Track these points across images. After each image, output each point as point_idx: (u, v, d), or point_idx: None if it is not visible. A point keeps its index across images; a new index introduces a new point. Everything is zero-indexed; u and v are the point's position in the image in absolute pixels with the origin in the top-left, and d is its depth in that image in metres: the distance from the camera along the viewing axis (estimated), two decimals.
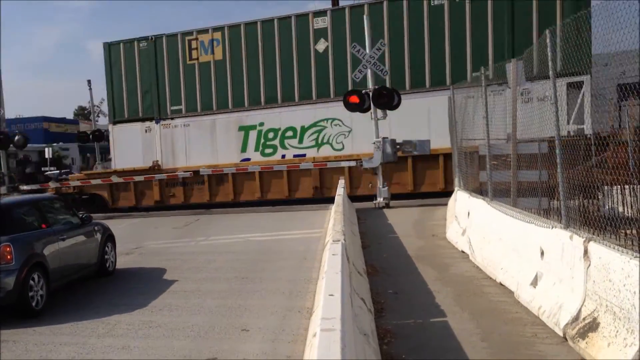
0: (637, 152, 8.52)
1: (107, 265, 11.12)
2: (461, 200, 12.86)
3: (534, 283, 7.31)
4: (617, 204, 9.91)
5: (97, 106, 52.36)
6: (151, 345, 7.13)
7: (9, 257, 8.31)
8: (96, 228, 11.01)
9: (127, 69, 24.71)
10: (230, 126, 23.45)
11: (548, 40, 7.10)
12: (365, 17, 19.64)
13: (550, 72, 7.13)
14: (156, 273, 11.24)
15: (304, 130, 22.52)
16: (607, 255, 5.65)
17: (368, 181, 20.81)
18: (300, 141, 22.61)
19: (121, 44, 24.79)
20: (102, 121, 50.26)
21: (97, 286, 10.41)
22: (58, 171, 29.63)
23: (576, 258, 6.23)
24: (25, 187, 23.12)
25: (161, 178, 22.98)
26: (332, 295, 4.77)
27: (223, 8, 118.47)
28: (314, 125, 22.44)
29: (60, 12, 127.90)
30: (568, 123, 16.51)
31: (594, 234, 6.37)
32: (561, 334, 6.18)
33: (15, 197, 11.30)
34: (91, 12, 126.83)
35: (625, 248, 5.64)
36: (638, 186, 9.27)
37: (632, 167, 9.60)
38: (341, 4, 26.34)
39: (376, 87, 19.14)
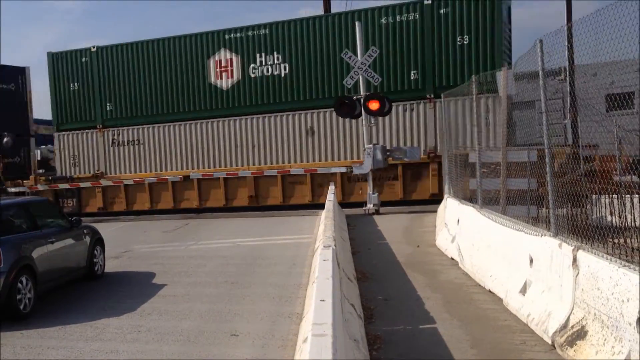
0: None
1: (96, 268, 11.07)
2: (451, 208, 12.92)
3: (523, 291, 7.36)
4: (605, 213, 10.01)
5: None
6: (140, 349, 7.10)
7: None
8: (85, 231, 10.96)
9: None
10: None
11: (539, 50, 7.16)
12: (357, 23, 19.59)
13: (541, 82, 7.20)
14: (145, 277, 11.20)
15: None
16: (595, 264, 5.70)
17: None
18: None
19: None
20: None
21: (86, 290, 10.35)
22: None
23: (565, 266, 6.28)
24: (12, 189, 22.92)
25: None
26: (323, 300, 4.78)
27: (216, 9, 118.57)
28: None
29: (50, 13, 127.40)
30: None
31: (582, 242, 6.43)
32: (550, 342, 6.22)
33: (4, 200, 11.21)
34: (82, 13, 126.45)
35: (614, 257, 5.70)
36: (626, 195, 9.38)
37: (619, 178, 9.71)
38: (333, 9, 26.32)
39: (367, 93, 19.19)
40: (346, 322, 5.82)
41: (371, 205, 19.28)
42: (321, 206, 17.25)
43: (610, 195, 9.68)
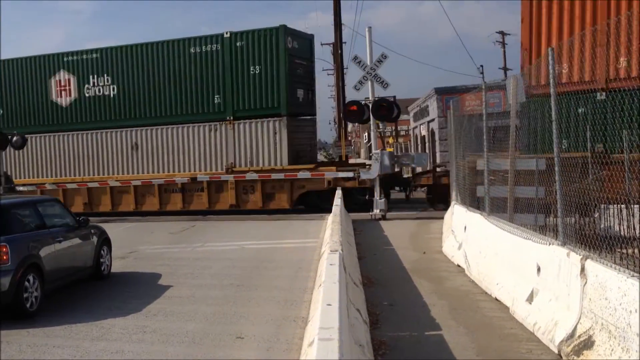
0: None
1: (103, 268, 11.09)
2: (458, 214, 12.89)
3: (530, 299, 7.33)
4: (613, 223, 9.96)
5: None
6: (145, 350, 7.11)
7: (4, 257, 8.28)
8: (92, 231, 10.99)
9: None
10: None
11: (550, 59, 7.15)
12: (366, 28, 19.77)
13: (551, 90, 7.18)
14: (151, 278, 11.22)
15: None
16: (603, 274, 5.67)
17: None
18: None
19: None
20: None
21: (92, 289, 10.38)
22: None
23: (573, 275, 6.26)
24: (22, 188, 23.07)
25: None
26: (330, 305, 4.79)
27: (225, 10, 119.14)
28: None
29: (61, 13, 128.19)
30: None
31: (590, 251, 6.40)
32: (556, 351, 6.19)
33: (12, 198, 11.27)
34: (93, 14, 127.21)
35: (622, 267, 5.68)
36: (634, 206, 9.33)
37: (629, 187, 9.67)
38: (343, 11, 26.45)
39: (376, 98, 19.23)
40: (352, 327, 5.81)
41: (378, 211, 19.28)
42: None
43: (619, 205, 9.63)
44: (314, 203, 21.33)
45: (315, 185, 20.88)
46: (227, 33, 21.95)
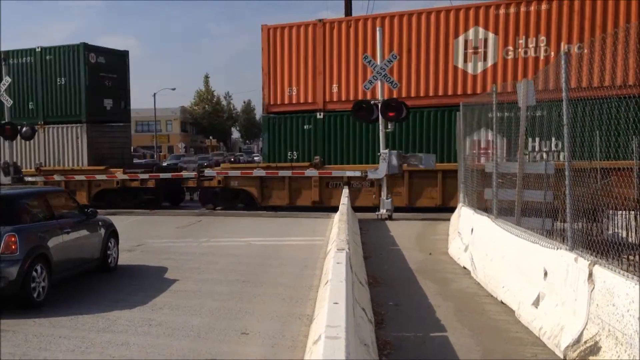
0: None
1: (109, 260, 11.14)
2: (465, 217, 12.87)
3: (536, 303, 7.31)
4: (621, 229, 9.93)
5: None
6: (150, 343, 7.14)
7: (13, 247, 8.34)
8: (100, 223, 11.03)
9: None
10: None
11: (563, 63, 7.13)
12: (378, 28, 19.74)
13: (564, 94, 7.15)
14: (157, 271, 11.26)
15: None
16: (611, 280, 5.65)
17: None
18: None
19: None
20: None
21: (99, 281, 10.43)
22: None
23: (580, 281, 6.24)
24: (30, 179, 23.25)
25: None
26: (336, 303, 4.79)
27: (234, 9, 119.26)
28: None
29: (71, 9, 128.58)
30: None
31: (597, 257, 6.38)
32: (561, 356, 6.18)
33: (21, 188, 11.33)
34: (103, 10, 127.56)
35: (630, 273, 5.66)
36: None
37: (638, 194, 9.63)
38: (354, 12, 26.40)
39: (385, 98, 19.20)
40: (357, 326, 5.81)
41: (384, 211, 19.25)
42: None
43: (628, 212, 9.60)
44: (111, 200, 23.84)
45: (108, 184, 23.85)
46: (38, 48, 25.18)
